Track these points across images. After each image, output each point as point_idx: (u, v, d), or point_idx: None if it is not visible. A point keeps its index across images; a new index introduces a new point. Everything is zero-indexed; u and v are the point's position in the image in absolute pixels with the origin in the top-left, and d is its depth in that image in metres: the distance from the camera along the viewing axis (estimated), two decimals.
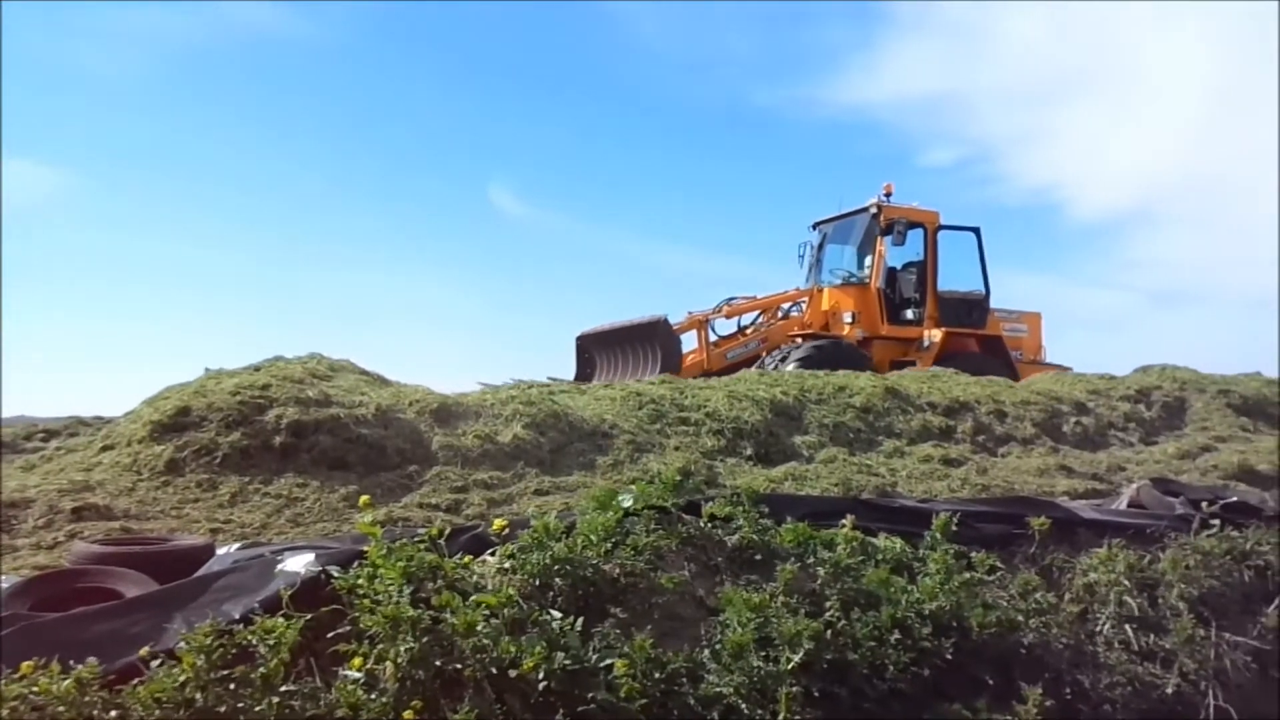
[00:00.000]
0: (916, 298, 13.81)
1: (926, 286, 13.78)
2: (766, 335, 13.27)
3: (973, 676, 3.76)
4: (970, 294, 14.20)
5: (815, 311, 13.76)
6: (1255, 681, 4.30)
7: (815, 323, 13.65)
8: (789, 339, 13.17)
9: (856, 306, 13.51)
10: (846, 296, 13.75)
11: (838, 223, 14.46)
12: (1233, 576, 4.75)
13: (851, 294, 13.76)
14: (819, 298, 13.89)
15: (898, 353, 13.48)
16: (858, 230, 14.19)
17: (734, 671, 3.25)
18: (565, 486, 5.28)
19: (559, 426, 5.89)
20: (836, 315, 13.61)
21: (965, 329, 13.70)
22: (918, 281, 13.85)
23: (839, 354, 11.77)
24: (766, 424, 6.74)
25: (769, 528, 4.10)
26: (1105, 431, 8.61)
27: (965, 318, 13.89)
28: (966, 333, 13.69)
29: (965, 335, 13.63)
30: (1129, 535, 4.93)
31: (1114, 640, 4.20)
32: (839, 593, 3.74)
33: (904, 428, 7.45)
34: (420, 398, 5.79)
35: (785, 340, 13.13)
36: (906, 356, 13.42)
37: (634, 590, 3.61)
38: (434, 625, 2.92)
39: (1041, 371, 12.97)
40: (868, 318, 13.48)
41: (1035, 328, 15.18)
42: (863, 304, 13.55)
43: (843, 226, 14.44)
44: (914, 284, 13.85)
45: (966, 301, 14.10)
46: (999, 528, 4.77)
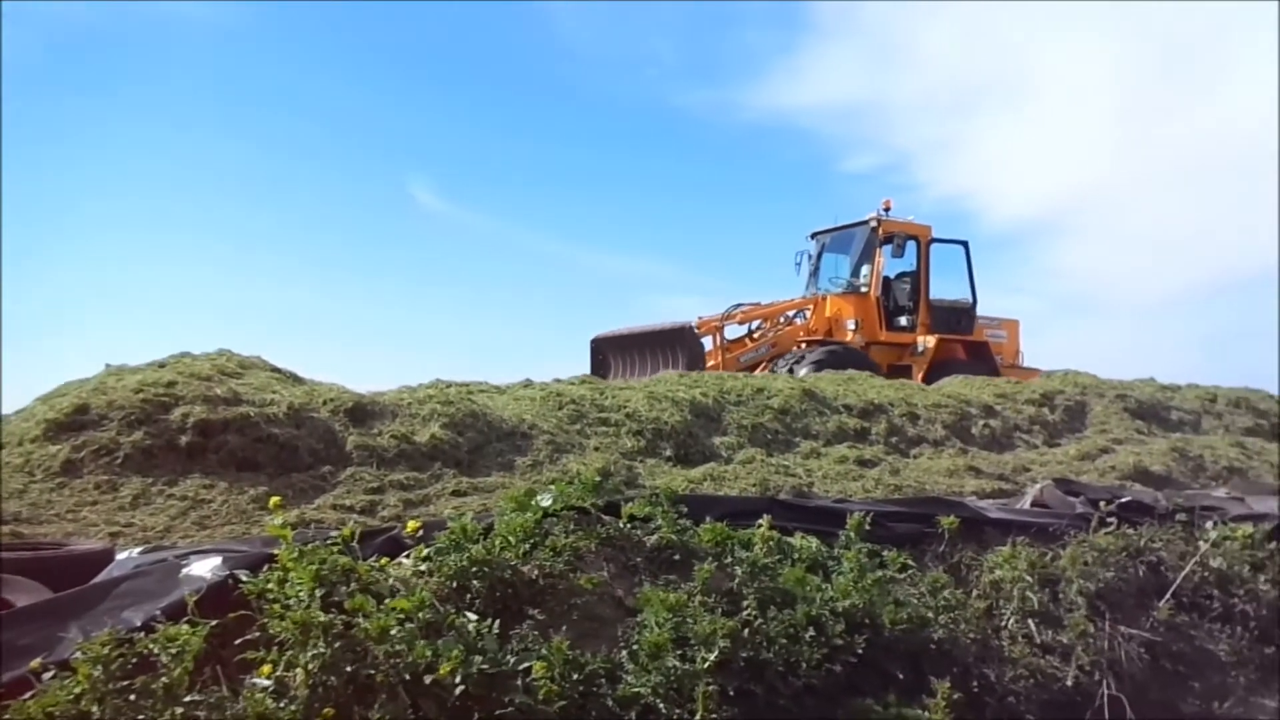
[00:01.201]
0: (910, 306, 14.62)
1: (920, 295, 14.59)
2: (776, 341, 13.84)
3: (884, 672, 3.84)
4: (958, 302, 15.07)
5: (819, 318, 14.37)
6: (1147, 672, 4.50)
7: (819, 329, 14.26)
8: (796, 344, 13.81)
9: (857, 314, 14.20)
10: (847, 304, 14.40)
11: (836, 233, 15.23)
12: (1127, 572, 4.96)
13: (852, 302, 14.41)
14: (822, 305, 14.51)
15: (894, 357, 14.21)
16: (857, 241, 14.86)
17: (651, 671, 3.26)
18: (483, 487, 5.22)
19: (477, 426, 5.82)
20: (839, 322, 14.27)
21: (955, 335, 14.53)
22: (911, 291, 14.66)
23: (849, 358, 12.39)
24: (686, 425, 6.78)
25: (688, 528, 4.13)
26: (1011, 434, 8.89)
27: (955, 325, 14.72)
28: (956, 339, 14.53)
29: (954, 341, 14.47)
30: (1032, 533, 5.11)
31: (1018, 634, 4.35)
32: (756, 592, 3.78)
33: (820, 429, 7.57)
34: (335, 396, 5.65)
35: (793, 345, 13.78)
36: (901, 361, 14.18)
37: (553, 591, 3.60)
38: (347, 630, 2.86)
39: (1020, 375, 13.63)
40: (868, 324, 14.17)
41: (1013, 334, 16.11)
42: (863, 311, 14.24)
43: (841, 237, 15.18)
44: (908, 293, 14.68)
45: (955, 309, 14.94)
46: (910, 527, 4.88)
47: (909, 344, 14.31)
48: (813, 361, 12.30)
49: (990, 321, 15.60)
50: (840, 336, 14.04)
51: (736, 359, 13.19)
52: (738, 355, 13.33)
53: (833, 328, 14.30)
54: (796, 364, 12.52)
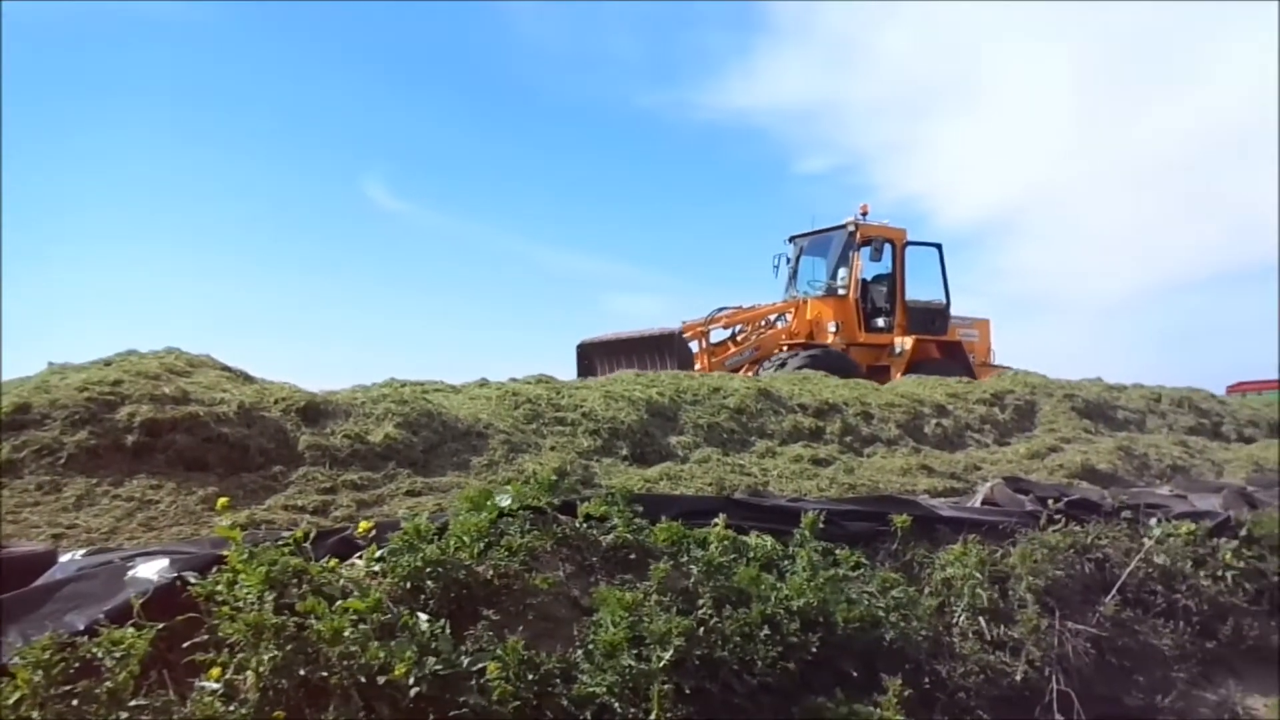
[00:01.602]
0: (887, 308, 14.88)
1: (896, 297, 14.90)
2: (759, 344, 14.01)
3: (838, 669, 3.88)
4: (932, 303, 15.36)
5: (801, 321, 14.59)
6: (1094, 667, 4.59)
7: (801, 332, 14.48)
8: (780, 347, 14.00)
9: (837, 316, 14.49)
10: (827, 307, 14.66)
11: (814, 237, 15.49)
12: (1075, 568, 5.06)
13: (831, 305, 14.67)
14: (804, 308, 14.71)
15: (872, 358, 14.44)
16: (835, 245, 15.13)
17: (607, 671, 3.25)
18: (438, 487, 5.17)
19: (432, 426, 5.77)
20: (820, 325, 14.54)
21: (930, 336, 14.86)
22: (888, 293, 14.95)
23: (833, 361, 12.74)
24: (643, 424, 6.78)
25: (644, 527, 4.13)
26: (963, 433, 9.01)
27: (930, 325, 15.05)
28: (931, 339, 14.85)
29: (930, 342, 14.79)
30: (983, 531, 5.19)
31: (968, 631, 4.41)
32: (711, 590, 3.80)
33: (776, 428, 7.61)
34: (286, 395, 5.56)
35: (776, 349, 13.98)
36: (880, 362, 14.38)
37: (508, 591, 3.58)
38: (298, 632, 2.82)
39: (992, 373, 13.88)
40: (847, 327, 14.46)
41: (984, 333, 16.50)
42: (842, 314, 14.52)
43: (819, 241, 15.44)
44: (885, 295, 14.96)
45: (930, 310, 15.24)
46: (864, 525, 4.94)
47: (887, 345, 14.59)
48: (799, 364, 12.46)
49: (962, 321, 15.95)
50: (821, 339, 14.32)
51: (722, 363, 13.34)
52: (723, 359, 13.50)
53: (814, 330, 14.57)
54: (781, 366, 12.72)
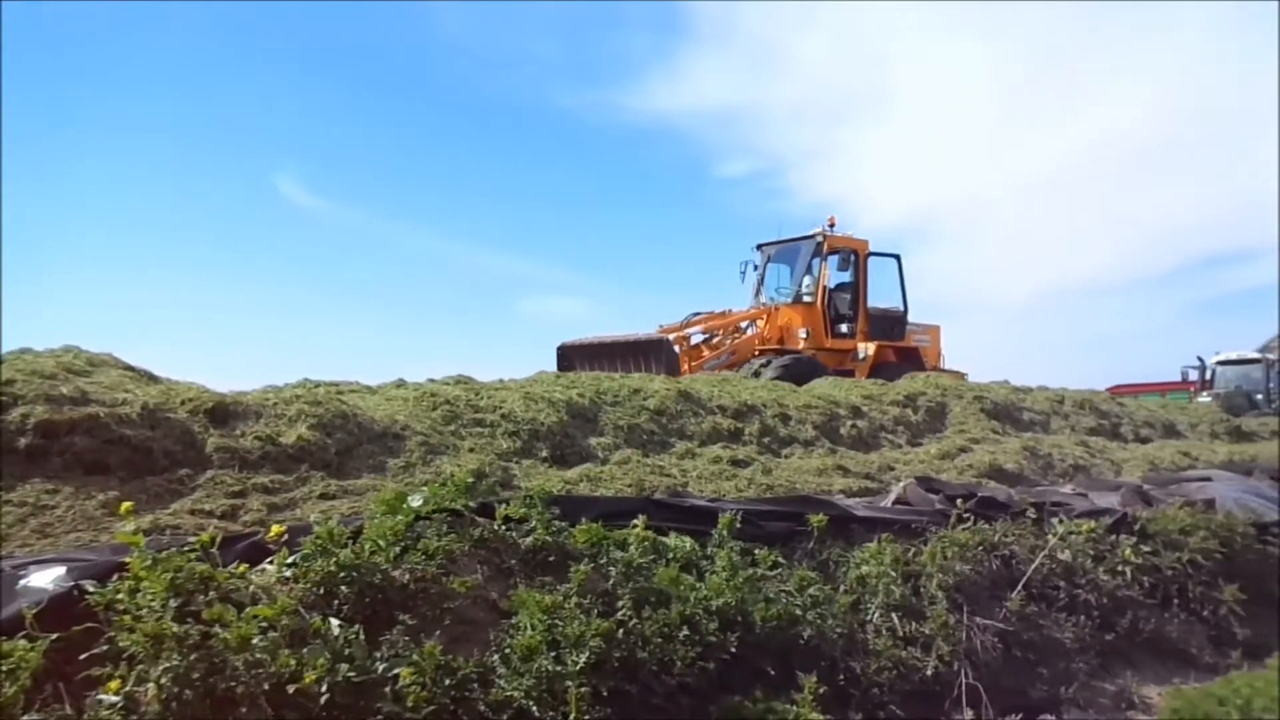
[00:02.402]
0: (850, 315, 15.53)
1: (859, 305, 15.56)
2: (734, 349, 14.52)
3: (756, 668, 3.92)
4: (891, 310, 16.03)
5: (773, 327, 15.08)
6: (1000, 660, 4.73)
7: (773, 337, 15.00)
8: (755, 353, 14.49)
9: (806, 323, 15.05)
10: (797, 314, 15.21)
11: (782, 246, 16.12)
12: (983, 565, 5.21)
13: (800, 312, 15.23)
14: (775, 315, 15.22)
15: (837, 363, 14.82)
16: (803, 254, 15.73)
17: (524, 674, 3.23)
18: (353, 490, 5.06)
19: (347, 428, 5.64)
20: (791, 331, 15.06)
21: (889, 342, 15.54)
22: (851, 300, 15.59)
23: (806, 367, 13.21)
24: (563, 425, 6.75)
25: (563, 529, 4.11)
26: (877, 434, 9.20)
27: (889, 331, 15.75)
28: (890, 345, 15.51)
29: (889, 347, 15.45)
30: (896, 530, 5.31)
31: (882, 628, 4.50)
32: (631, 592, 3.80)
33: (695, 430, 7.66)
34: (194, 396, 5.38)
35: (751, 354, 14.45)
36: (844, 366, 14.82)
37: (424, 595, 3.53)
38: (204, 640, 2.73)
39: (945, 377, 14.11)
40: (815, 333, 15.04)
41: (935, 338, 17.24)
42: (810, 321, 15.10)
43: (787, 250, 16.05)
44: (848, 302, 15.58)
45: (889, 317, 15.95)
46: (781, 525, 5.00)
47: (850, 350, 15.19)
48: (777, 369, 13.02)
49: (916, 327, 16.63)
50: (792, 344, 14.83)
51: (700, 367, 13.73)
52: (701, 364, 13.92)
53: (784, 336, 15.05)
54: (757, 374, 12.98)
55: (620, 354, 13.44)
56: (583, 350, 14.08)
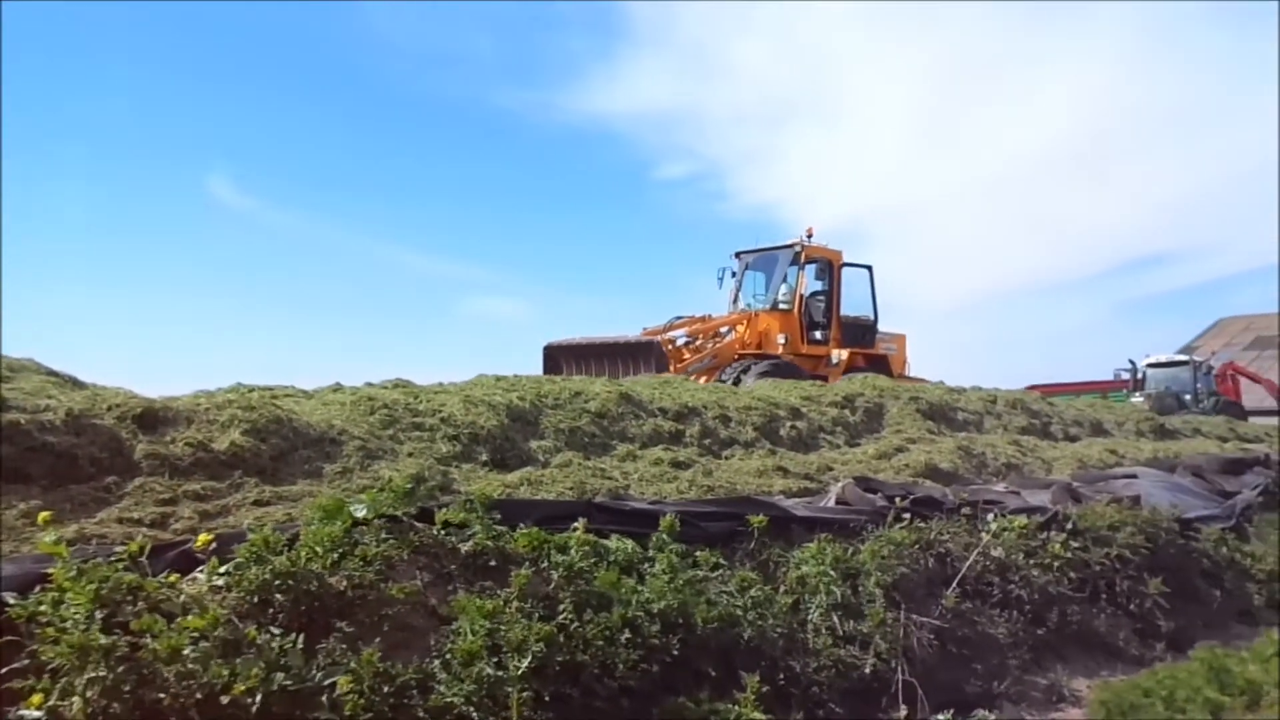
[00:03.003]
0: (824, 322, 16.12)
1: (833, 312, 16.17)
2: (716, 353, 14.94)
3: (698, 669, 3.94)
4: (861, 319, 16.72)
5: (752, 332, 15.57)
6: (936, 656, 4.82)
7: (753, 342, 15.48)
8: (736, 356, 14.95)
9: (784, 329, 15.54)
10: (774, 320, 15.68)
11: (760, 254, 16.62)
12: (919, 563, 5.30)
13: (778, 318, 15.71)
14: (755, 320, 15.72)
15: (811, 368, 15.29)
16: (781, 262, 16.18)
17: (465, 680, 3.20)
18: (289, 496, 4.96)
19: (282, 433, 5.53)
20: (769, 336, 15.51)
21: (860, 348, 16.20)
22: (825, 308, 16.19)
23: (787, 370, 13.71)
24: (503, 429, 6.70)
25: (503, 533, 4.09)
26: (816, 434, 9.32)
27: (860, 339, 16.46)
28: (861, 351, 16.14)
29: (860, 354, 16.07)
30: (836, 529, 5.37)
31: (821, 627, 4.55)
32: (572, 595, 3.79)
33: (637, 432, 7.67)
34: (121, 401, 5.23)
35: (733, 357, 14.92)
36: (818, 371, 15.25)
37: (362, 602, 3.47)
38: (132, 653, 2.66)
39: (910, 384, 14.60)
40: (792, 339, 15.56)
41: (902, 347, 17.87)
42: (788, 327, 15.62)
43: (766, 258, 16.53)
44: (822, 310, 16.18)
45: (860, 325, 16.64)
46: (722, 526, 5.03)
47: (824, 356, 15.73)
48: (759, 372, 13.47)
49: (883, 336, 17.29)
50: (771, 349, 15.28)
51: (685, 369, 14.03)
52: (685, 366, 14.24)
53: (762, 341, 15.52)
54: (744, 373, 13.69)
55: (608, 355, 13.83)
56: (570, 351, 14.41)
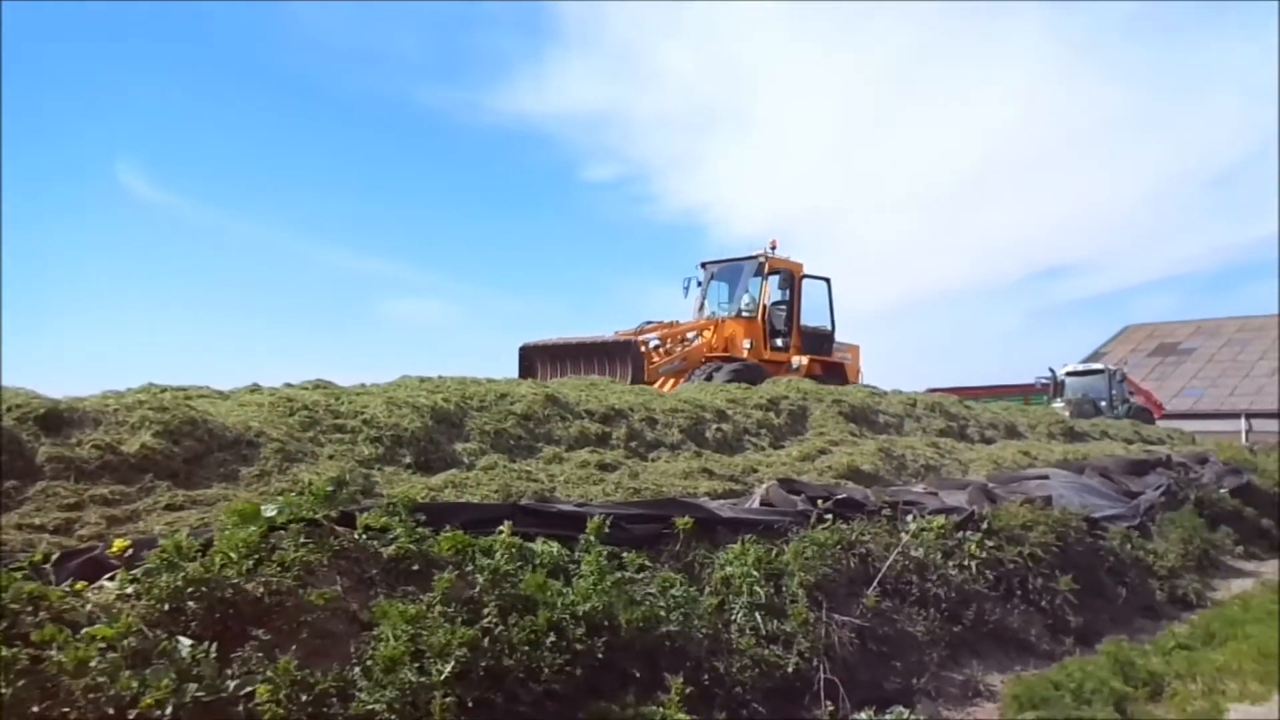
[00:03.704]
0: (785, 330, 16.76)
1: (793, 321, 16.84)
2: (685, 356, 15.45)
3: (623, 672, 3.93)
4: (820, 328, 17.38)
5: (719, 338, 16.15)
6: (857, 654, 4.90)
7: (719, 346, 16.02)
8: (705, 359, 15.51)
9: (748, 335, 16.16)
10: (740, 327, 16.25)
11: (725, 265, 17.31)
12: (841, 563, 5.39)
13: (743, 325, 16.28)
14: (721, 327, 16.29)
15: (773, 372, 15.47)
16: (745, 273, 16.85)
17: (386, 686, 3.15)
18: (203, 500, 4.82)
19: (196, 435, 5.37)
20: (735, 342, 16.09)
21: (819, 356, 16.85)
22: (786, 317, 16.84)
23: (754, 372, 14.30)
24: (427, 431, 6.61)
25: (427, 537, 4.03)
26: (741, 437, 9.41)
27: (819, 347, 17.13)
28: (819, 359, 16.76)
29: (818, 361, 16.69)
30: (760, 530, 5.43)
31: (745, 627, 4.60)
32: (496, 599, 3.75)
33: (563, 434, 7.65)
34: (22, 402, 5.01)
35: (702, 360, 15.44)
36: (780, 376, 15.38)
37: (280, 609, 3.39)
38: (35, 665, 2.54)
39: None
40: (757, 345, 16.19)
41: (856, 356, 18.56)
42: (752, 333, 16.22)
43: (731, 268, 17.20)
44: (783, 319, 16.82)
45: (819, 334, 17.33)
46: (648, 528, 5.03)
47: (785, 362, 16.29)
48: (731, 370, 14.19)
49: (840, 346, 17.91)
50: (737, 353, 15.86)
51: (656, 370, 14.53)
52: (657, 367, 14.67)
53: (729, 346, 16.09)
54: (715, 372, 14.23)
55: (584, 355, 14.19)
56: (545, 351, 14.71)
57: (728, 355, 15.77)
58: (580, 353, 14.34)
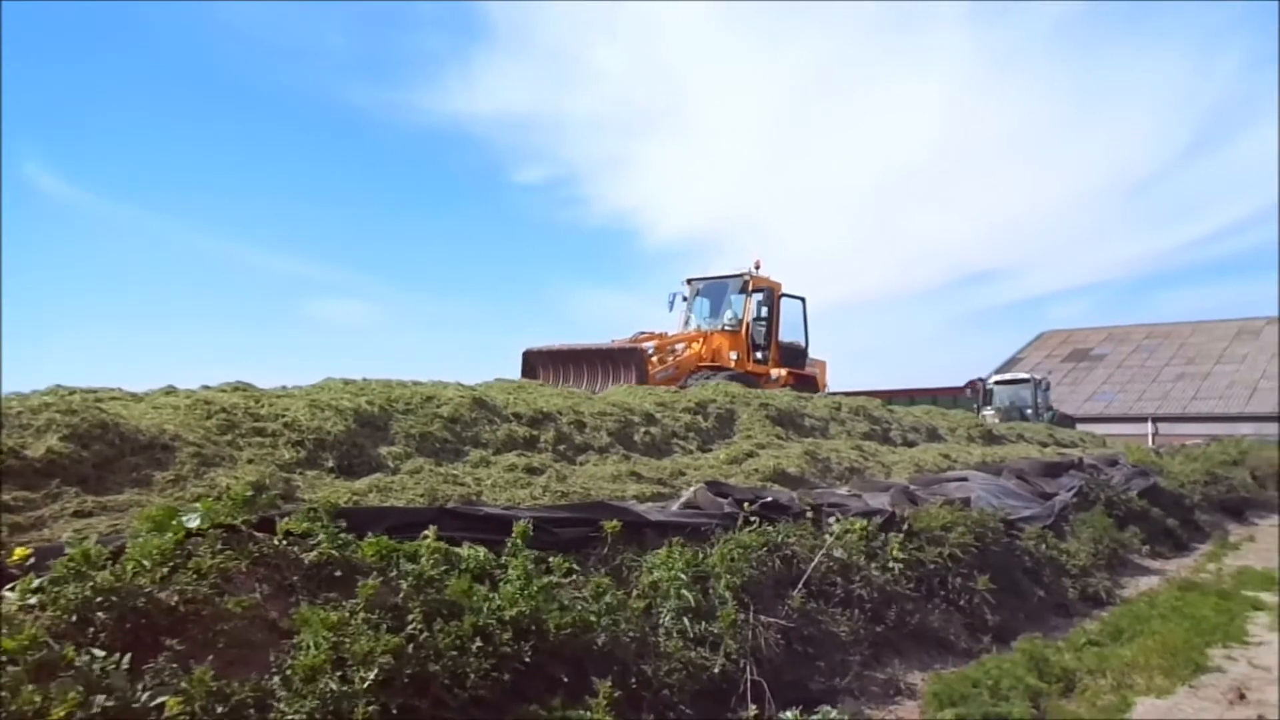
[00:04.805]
0: (764, 344, 17.87)
1: (772, 336, 17.97)
2: (678, 364, 16.06)
3: (550, 676, 3.91)
4: (795, 343, 18.58)
5: (708, 349, 17.04)
6: (783, 655, 4.95)
7: (708, 357, 16.89)
8: (696, 368, 16.24)
9: (733, 347, 17.13)
10: (725, 339, 17.22)
11: (710, 281, 18.38)
12: (768, 565, 5.44)
13: (728, 338, 17.27)
14: (710, 339, 17.21)
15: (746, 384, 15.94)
16: (730, 289, 17.93)
17: (307, 696, 3.07)
18: (114, 506, 4.65)
19: (107, 438, 5.17)
20: (722, 353, 17.03)
21: (794, 369, 18.02)
22: (765, 332, 17.97)
23: (748, 381, 15.08)
24: (350, 434, 6.49)
25: (350, 542, 3.95)
26: (670, 440, 9.44)
27: (794, 360, 18.34)
28: (794, 372, 17.91)
29: (794, 374, 17.84)
30: (687, 533, 5.45)
31: (673, 630, 4.61)
32: (421, 605, 3.70)
33: (490, 438, 7.58)
34: None
35: (694, 369, 16.19)
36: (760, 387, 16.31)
37: (195, 618, 3.29)
38: None
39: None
40: (741, 356, 17.14)
41: (823, 371, 19.94)
42: (737, 345, 17.20)
43: (715, 285, 18.28)
44: (763, 334, 17.95)
45: (794, 349, 18.53)
46: (576, 531, 5.02)
47: (765, 374, 17.32)
48: (725, 378, 14.76)
49: (809, 361, 19.09)
50: (724, 363, 16.75)
51: (653, 377, 14.88)
52: (654, 374, 15.07)
53: (716, 356, 16.98)
54: (708, 379, 14.76)
55: (588, 361, 14.82)
56: (549, 357, 15.23)
57: (716, 365, 16.63)
58: (584, 358, 14.94)
